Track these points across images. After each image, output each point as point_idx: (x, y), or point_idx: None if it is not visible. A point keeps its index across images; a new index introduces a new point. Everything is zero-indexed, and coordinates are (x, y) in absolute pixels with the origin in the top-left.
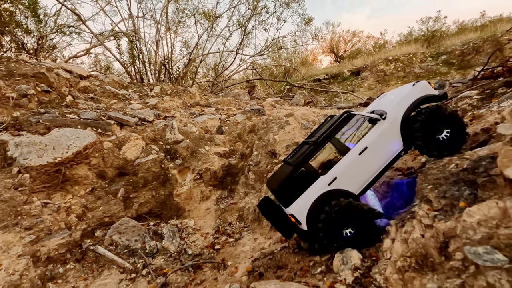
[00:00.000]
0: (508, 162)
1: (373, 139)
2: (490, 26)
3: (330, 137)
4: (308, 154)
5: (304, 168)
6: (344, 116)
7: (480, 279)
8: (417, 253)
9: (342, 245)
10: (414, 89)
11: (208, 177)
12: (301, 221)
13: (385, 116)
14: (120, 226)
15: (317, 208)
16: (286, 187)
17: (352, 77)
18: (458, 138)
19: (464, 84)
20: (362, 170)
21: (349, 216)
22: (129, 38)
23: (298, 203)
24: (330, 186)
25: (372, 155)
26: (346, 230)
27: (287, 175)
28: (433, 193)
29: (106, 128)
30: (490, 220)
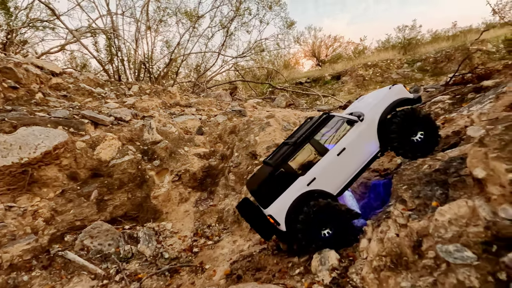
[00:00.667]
0: (476, 163)
1: (351, 140)
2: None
3: (309, 138)
4: (287, 155)
5: (283, 169)
6: (323, 118)
7: (451, 276)
8: (392, 252)
9: (320, 245)
10: (391, 92)
11: (187, 179)
12: (280, 221)
13: (363, 117)
14: (92, 230)
15: (296, 208)
16: (265, 187)
17: (333, 81)
18: (431, 140)
19: (437, 89)
20: (340, 171)
21: (327, 216)
22: (107, 36)
23: (277, 203)
24: (309, 186)
25: (350, 156)
26: (324, 230)
27: (266, 176)
28: (407, 193)
29: (79, 127)
30: (460, 218)
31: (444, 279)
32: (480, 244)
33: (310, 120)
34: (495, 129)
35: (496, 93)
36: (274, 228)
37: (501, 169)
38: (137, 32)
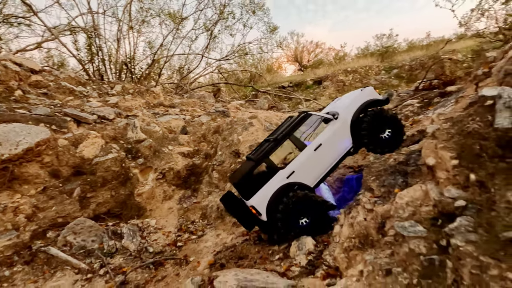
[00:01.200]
0: (429, 153)
1: (326, 137)
2: (434, 45)
3: (289, 135)
4: (268, 150)
5: (265, 163)
6: (302, 116)
7: (404, 246)
8: (360, 234)
9: (298, 233)
10: (362, 94)
11: (171, 177)
12: (261, 212)
13: (337, 116)
14: (75, 226)
15: (276, 199)
16: (247, 180)
17: (314, 86)
18: (397, 137)
19: (408, 94)
20: (317, 165)
21: (304, 206)
22: (88, 34)
23: (259, 195)
24: (288, 179)
25: (326, 151)
26: (302, 219)
27: (248, 169)
28: (375, 183)
29: (61, 125)
30: (415, 200)
31: (398, 249)
32: (429, 220)
33: (291, 119)
34: (444, 125)
35: (456, 97)
36: (256, 219)
37: (446, 157)
38: (119, 32)
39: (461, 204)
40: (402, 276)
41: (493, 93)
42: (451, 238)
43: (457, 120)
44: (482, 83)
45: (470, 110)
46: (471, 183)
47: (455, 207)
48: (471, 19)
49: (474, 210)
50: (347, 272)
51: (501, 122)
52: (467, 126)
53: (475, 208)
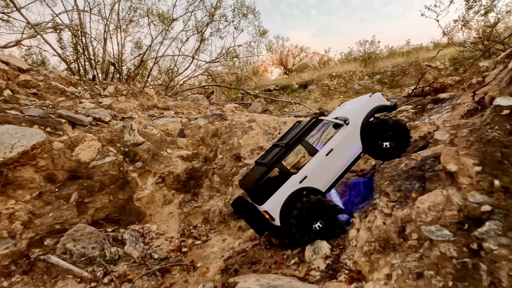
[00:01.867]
0: (449, 159)
1: (337, 142)
2: (414, 52)
3: (300, 140)
4: (280, 155)
5: (277, 168)
6: (313, 121)
7: (434, 250)
8: (380, 238)
9: (312, 237)
10: (371, 99)
11: (171, 181)
12: (274, 217)
13: (348, 121)
14: (75, 233)
15: (290, 204)
16: (260, 185)
17: (300, 89)
18: (404, 144)
19: (399, 100)
20: (329, 170)
21: (318, 211)
22: (73, 32)
23: (272, 200)
24: (301, 184)
25: (337, 156)
26: (316, 224)
27: (261, 174)
28: (389, 187)
29: (56, 127)
30: (437, 205)
31: (429, 253)
32: (454, 224)
33: (299, 124)
34: (461, 132)
35: (452, 104)
36: (268, 223)
37: (469, 163)
38: (105, 31)
39: (487, 209)
40: (435, 279)
41: (508, 103)
42: (482, 242)
43: (475, 128)
44: (479, 91)
45: (486, 118)
46: (496, 189)
47: (481, 212)
48: (454, 29)
49: (501, 215)
50: (372, 275)
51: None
52: (486, 134)
53: (502, 213)
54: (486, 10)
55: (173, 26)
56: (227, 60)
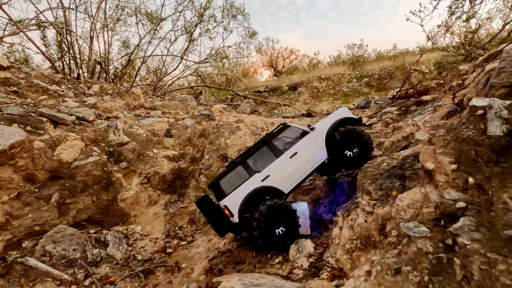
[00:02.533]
0: (427, 158)
1: (302, 146)
2: (400, 56)
3: (266, 142)
4: (246, 154)
5: (242, 165)
6: (281, 127)
7: (412, 246)
8: (361, 235)
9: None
10: (338, 112)
11: (157, 181)
12: (233, 212)
13: (314, 128)
14: (55, 234)
15: (249, 202)
16: (222, 181)
17: (289, 91)
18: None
19: (385, 102)
20: (292, 172)
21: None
22: (58, 30)
23: (232, 195)
24: (263, 182)
25: (301, 160)
26: (278, 229)
27: (225, 170)
28: (371, 186)
29: (37, 126)
30: (415, 203)
31: (407, 249)
32: (431, 220)
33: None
34: (439, 132)
35: (433, 106)
36: (229, 223)
37: (445, 162)
38: (92, 30)
39: (462, 205)
40: (412, 274)
41: (483, 103)
42: (457, 237)
43: (452, 127)
44: (459, 93)
45: (462, 118)
46: (470, 186)
47: (456, 208)
48: (437, 34)
49: (475, 210)
50: (353, 272)
51: (493, 131)
52: (462, 134)
53: (475, 209)
54: (468, 16)
55: (161, 25)
56: (216, 61)
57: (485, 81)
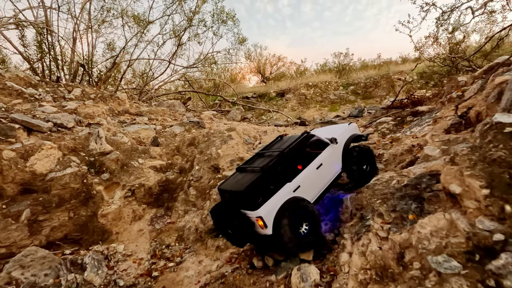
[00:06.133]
0: (451, 179)
1: (326, 157)
2: (385, 66)
3: (295, 150)
4: (277, 161)
5: (274, 173)
6: (305, 136)
7: (445, 285)
8: (376, 265)
9: (300, 245)
10: (350, 127)
11: (142, 194)
12: (268, 224)
13: (337, 141)
14: (24, 258)
15: (283, 212)
16: (256, 189)
17: (277, 98)
18: (372, 172)
19: (377, 111)
20: (318, 183)
21: (303, 214)
22: (38, 30)
23: (267, 206)
24: (294, 193)
25: (325, 171)
26: (302, 228)
27: (257, 177)
28: (383, 207)
29: (7, 133)
30: (440, 230)
31: None
32: (463, 254)
33: (282, 138)
34: (461, 150)
35: (432, 117)
36: (252, 234)
37: (475, 186)
38: (75, 31)
39: (500, 238)
40: None
41: (510, 120)
42: (500, 278)
43: (476, 146)
44: (461, 105)
45: (488, 136)
46: (508, 215)
47: (494, 241)
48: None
49: None
50: None
51: None
52: (491, 154)
53: None
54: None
55: (149, 28)
56: (205, 66)
57: (497, 94)
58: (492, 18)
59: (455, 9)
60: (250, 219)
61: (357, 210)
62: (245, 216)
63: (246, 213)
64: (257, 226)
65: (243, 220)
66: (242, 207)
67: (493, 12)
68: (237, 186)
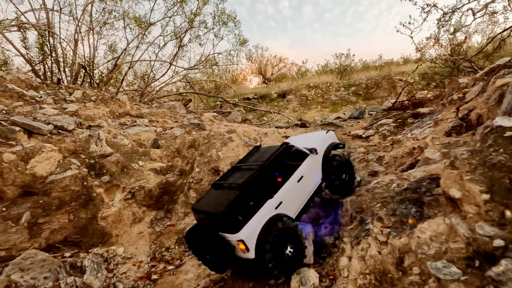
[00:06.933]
0: (451, 184)
1: (306, 169)
2: (386, 66)
3: (275, 163)
4: (256, 177)
5: (254, 190)
6: (284, 147)
7: None
8: (375, 269)
9: (285, 267)
10: (328, 136)
11: (142, 196)
12: (250, 247)
13: (317, 151)
14: (23, 261)
15: (265, 233)
16: (236, 209)
17: (278, 99)
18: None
19: (378, 112)
20: (299, 196)
21: (287, 235)
22: (40, 32)
23: (249, 227)
24: (276, 210)
25: (306, 184)
26: (287, 250)
27: (236, 196)
28: (382, 211)
29: (8, 136)
30: (439, 235)
31: None
32: (463, 260)
33: (259, 149)
34: (460, 153)
35: (433, 119)
36: (233, 257)
37: (475, 190)
38: (76, 33)
39: (500, 244)
40: None
41: (510, 124)
42: (500, 286)
43: (476, 150)
44: (462, 107)
45: (488, 140)
46: (508, 221)
47: (494, 247)
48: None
49: None
50: None
51: None
52: (491, 158)
53: None
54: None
55: (150, 30)
56: (206, 68)
57: (498, 97)
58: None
59: (456, 11)
60: (230, 242)
61: (357, 213)
62: (224, 239)
63: (225, 236)
64: (238, 250)
65: (222, 245)
66: (220, 229)
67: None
68: (215, 207)
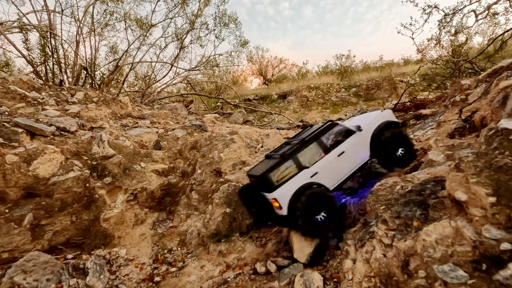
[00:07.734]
0: (456, 186)
1: (349, 145)
2: (387, 67)
3: (316, 138)
4: (295, 149)
5: (292, 160)
6: (328, 124)
7: None
8: (380, 272)
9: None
10: (383, 114)
11: (144, 198)
12: (282, 205)
13: (362, 128)
14: (26, 263)
15: (298, 196)
16: (272, 173)
17: (279, 100)
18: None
19: None
20: (338, 170)
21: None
22: (42, 34)
23: (283, 189)
24: (311, 178)
25: (347, 159)
26: (319, 215)
27: (275, 163)
28: (387, 213)
29: (11, 137)
30: (445, 238)
31: None
32: (469, 263)
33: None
34: (466, 156)
35: (436, 120)
36: (272, 213)
37: (481, 193)
38: (78, 34)
39: (507, 247)
40: None
41: None
42: None
43: (481, 152)
44: (465, 109)
45: (494, 142)
46: None
47: (501, 250)
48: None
49: None
50: None
51: None
52: (497, 161)
53: None
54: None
55: (151, 32)
56: (207, 69)
57: (502, 99)
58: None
59: (457, 12)
60: (268, 200)
61: (360, 216)
62: (264, 197)
63: (265, 195)
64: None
65: (263, 201)
66: (262, 189)
67: (496, 14)
68: (259, 171)
